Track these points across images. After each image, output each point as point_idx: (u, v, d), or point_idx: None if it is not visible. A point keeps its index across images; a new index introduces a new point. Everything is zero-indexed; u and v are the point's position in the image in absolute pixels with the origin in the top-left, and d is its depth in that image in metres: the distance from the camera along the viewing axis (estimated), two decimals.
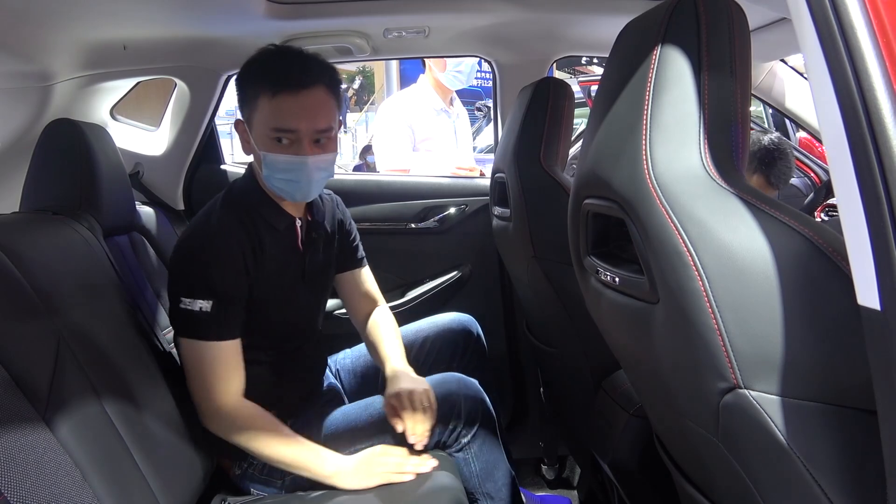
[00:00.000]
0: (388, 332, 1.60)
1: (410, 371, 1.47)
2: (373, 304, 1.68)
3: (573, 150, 2.58)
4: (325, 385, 1.61)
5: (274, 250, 1.37)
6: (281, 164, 1.29)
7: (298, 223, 1.43)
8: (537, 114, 1.50)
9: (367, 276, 1.67)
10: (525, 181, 1.49)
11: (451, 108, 2.71)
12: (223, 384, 1.29)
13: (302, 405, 1.47)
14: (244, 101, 1.32)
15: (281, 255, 1.39)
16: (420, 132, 2.61)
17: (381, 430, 1.37)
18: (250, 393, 1.32)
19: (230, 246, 1.29)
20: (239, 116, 1.36)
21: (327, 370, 1.69)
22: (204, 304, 1.25)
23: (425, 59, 2.63)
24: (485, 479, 1.41)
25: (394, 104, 2.77)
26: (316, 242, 1.47)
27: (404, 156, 2.59)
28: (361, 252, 1.66)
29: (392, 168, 2.61)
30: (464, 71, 2.60)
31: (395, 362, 1.50)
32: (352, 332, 1.77)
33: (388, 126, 2.66)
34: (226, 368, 1.29)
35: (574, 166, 2.58)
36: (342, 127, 1.44)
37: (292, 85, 1.26)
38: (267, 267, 1.35)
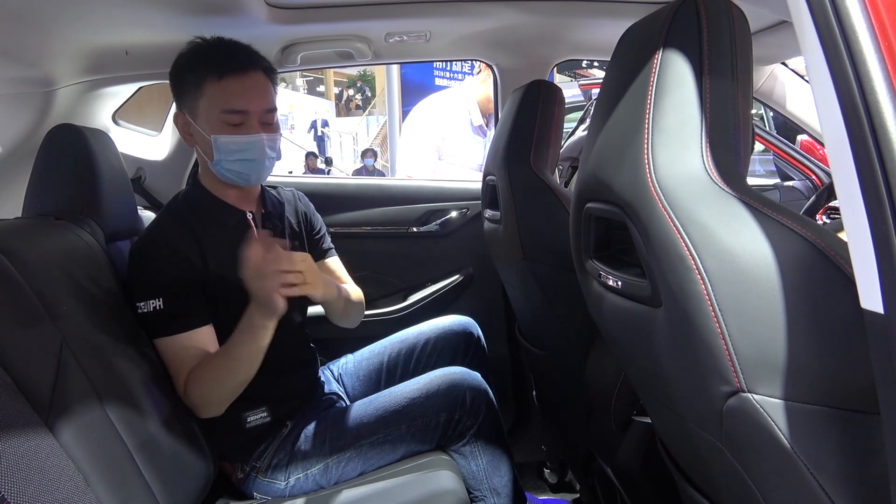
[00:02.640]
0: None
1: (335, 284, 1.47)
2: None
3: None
4: (326, 390, 1.61)
5: (226, 247, 1.35)
6: (235, 145, 1.31)
7: (250, 216, 1.43)
8: (527, 116, 1.50)
9: (335, 265, 1.66)
10: (515, 183, 1.49)
11: (489, 129, 2.62)
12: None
13: (301, 406, 1.47)
14: (185, 91, 1.34)
15: (237, 250, 1.35)
16: (449, 144, 2.56)
17: (386, 424, 1.38)
18: (244, 396, 1.32)
19: (166, 244, 1.30)
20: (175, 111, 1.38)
21: (329, 376, 1.69)
22: (156, 303, 1.26)
23: (481, 67, 2.52)
24: (492, 473, 1.42)
25: (430, 108, 2.68)
26: (274, 234, 1.46)
27: (429, 164, 2.56)
28: (328, 243, 1.66)
29: (411, 173, 2.58)
30: None
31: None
32: (353, 336, 1.77)
33: (418, 129, 2.61)
34: (195, 356, 1.28)
35: (560, 168, 2.59)
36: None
37: (237, 67, 1.30)
38: (221, 263, 1.34)
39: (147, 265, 1.29)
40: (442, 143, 2.55)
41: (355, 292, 1.61)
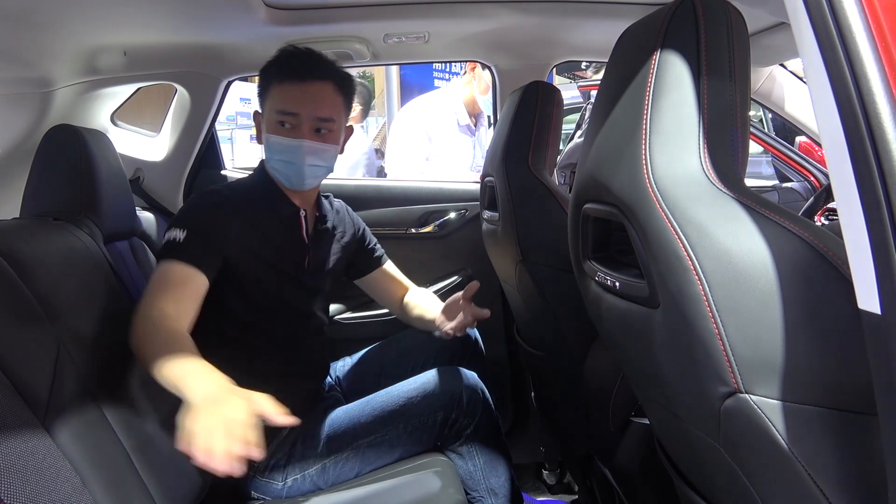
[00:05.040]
0: (428, 300, 1.67)
1: None
2: (404, 289, 1.74)
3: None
4: (326, 391, 1.61)
5: (273, 236, 1.43)
6: (279, 146, 1.40)
7: (303, 214, 1.48)
8: (526, 117, 1.50)
9: (391, 268, 1.75)
10: (513, 184, 1.49)
11: (476, 129, 2.63)
12: (162, 298, 1.21)
13: (305, 407, 1.47)
14: (261, 92, 1.45)
15: (282, 243, 1.44)
16: (437, 145, 2.56)
17: (384, 424, 1.38)
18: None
19: (223, 208, 1.38)
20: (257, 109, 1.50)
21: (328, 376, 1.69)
22: (179, 234, 1.31)
23: (467, 69, 2.55)
24: (489, 474, 1.42)
25: (416, 110, 2.68)
26: (322, 237, 1.52)
27: (416, 166, 2.56)
28: (380, 250, 1.73)
29: (399, 174, 2.58)
30: None
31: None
32: (352, 336, 1.77)
33: (404, 132, 2.61)
34: (174, 288, 1.24)
35: (564, 174, 2.59)
36: (351, 133, 1.55)
37: (299, 74, 1.39)
38: (263, 248, 1.40)
39: (192, 206, 1.39)
40: (428, 144, 2.55)
41: (428, 294, 1.72)
